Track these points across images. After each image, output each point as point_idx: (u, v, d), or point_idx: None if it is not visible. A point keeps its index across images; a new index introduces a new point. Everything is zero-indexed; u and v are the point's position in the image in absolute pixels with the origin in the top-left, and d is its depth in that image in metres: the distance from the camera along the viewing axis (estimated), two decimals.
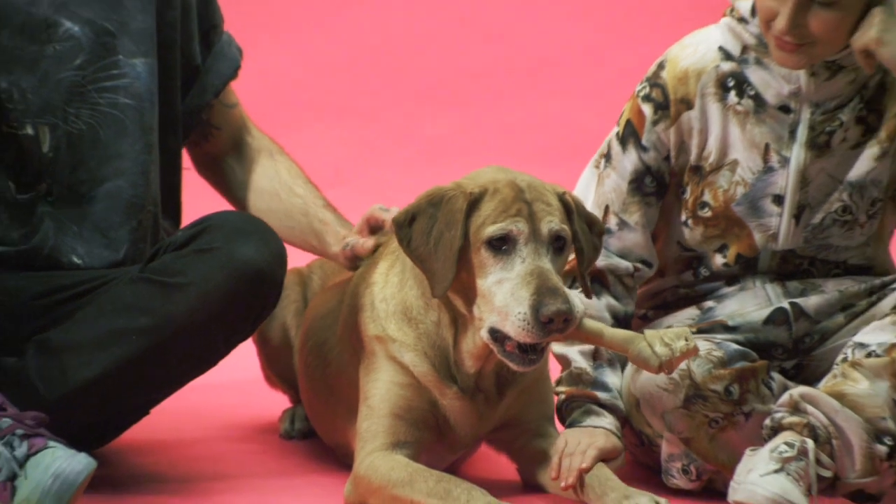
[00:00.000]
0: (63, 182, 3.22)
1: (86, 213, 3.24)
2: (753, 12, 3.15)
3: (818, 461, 2.97)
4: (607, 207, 3.26)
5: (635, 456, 3.27)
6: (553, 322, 2.87)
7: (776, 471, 2.93)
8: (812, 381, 3.13)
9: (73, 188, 3.23)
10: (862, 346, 3.04)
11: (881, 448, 2.98)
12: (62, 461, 2.82)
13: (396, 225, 3.02)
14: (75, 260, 3.23)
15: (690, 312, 3.28)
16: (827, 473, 2.98)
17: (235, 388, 4.05)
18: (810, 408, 2.99)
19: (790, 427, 2.99)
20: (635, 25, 6.66)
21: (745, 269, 3.27)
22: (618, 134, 3.27)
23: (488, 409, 3.13)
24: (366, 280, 3.21)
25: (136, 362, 3.04)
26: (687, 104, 3.23)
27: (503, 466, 3.29)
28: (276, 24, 6.41)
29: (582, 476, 3.02)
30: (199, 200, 3.56)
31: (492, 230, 2.94)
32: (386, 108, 6.44)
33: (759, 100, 3.20)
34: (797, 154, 3.20)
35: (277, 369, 3.68)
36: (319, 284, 3.64)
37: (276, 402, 3.81)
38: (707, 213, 3.26)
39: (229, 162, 3.52)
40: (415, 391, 3.10)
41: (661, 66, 3.25)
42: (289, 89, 6.28)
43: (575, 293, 3.04)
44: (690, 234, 3.29)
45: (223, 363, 3.18)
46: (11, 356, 3.12)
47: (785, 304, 3.23)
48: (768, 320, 3.21)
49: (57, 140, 3.21)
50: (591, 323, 2.97)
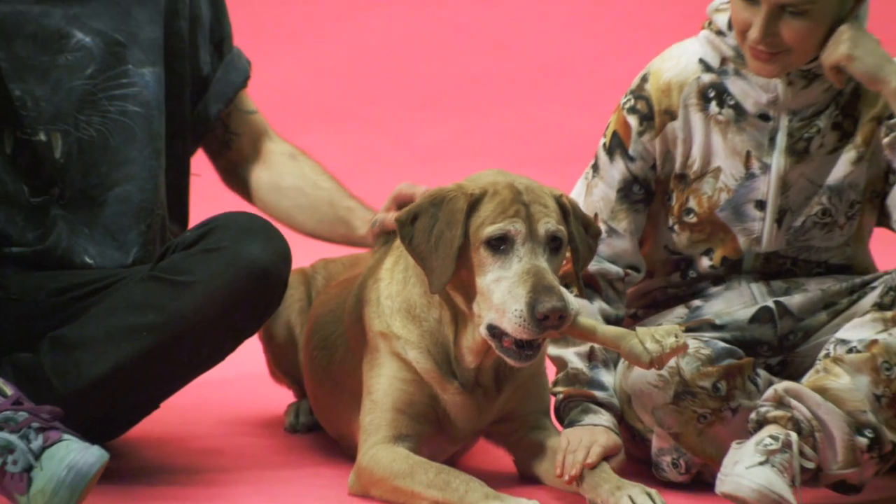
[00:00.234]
0: (75, 186, 3.25)
1: (97, 216, 3.27)
2: (730, 25, 3.15)
3: (802, 453, 2.96)
4: (596, 216, 3.26)
5: (627, 450, 3.22)
6: (548, 319, 2.88)
7: (761, 463, 2.92)
8: (796, 376, 3.13)
9: (85, 192, 3.26)
10: (843, 342, 3.04)
11: (862, 440, 2.98)
12: (76, 453, 2.84)
13: (399, 223, 3.03)
14: (87, 260, 3.25)
15: (679, 311, 3.28)
16: (810, 465, 2.98)
17: (242, 383, 4.03)
18: (794, 402, 2.99)
19: (775, 421, 2.99)
20: (629, 36, 6.58)
21: (731, 270, 3.27)
22: (605, 145, 3.28)
23: (487, 403, 3.14)
24: (374, 275, 3.21)
25: (147, 358, 3.07)
26: (671, 115, 3.23)
27: (500, 459, 3.30)
28: (281, 33, 6.32)
29: (583, 470, 3.03)
30: (206, 204, 3.55)
31: (490, 230, 2.95)
32: (387, 115, 6.37)
33: (739, 109, 3.20)
34: (777, 160, 3.20)
35: (282, 365, 3.67)
36: (323, 284, 3.63)
37: (282, 397, 3.79)
38: (692, 218, 3.26)
39: (253, 168, 3.51)
40: (417, 386, 3.11)
41: (644, 79, 3.25)
42: (293, 96, 6.18)
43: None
44: (677, 238, 3.29)
45: (230, 359, 3.21)
46: (27, 352, 3.14)
47: (770, 302, 3.23)
48: (754, 319, 3.22)
49: (69, 146, 3.24)
50: (584, 320, 2.98)
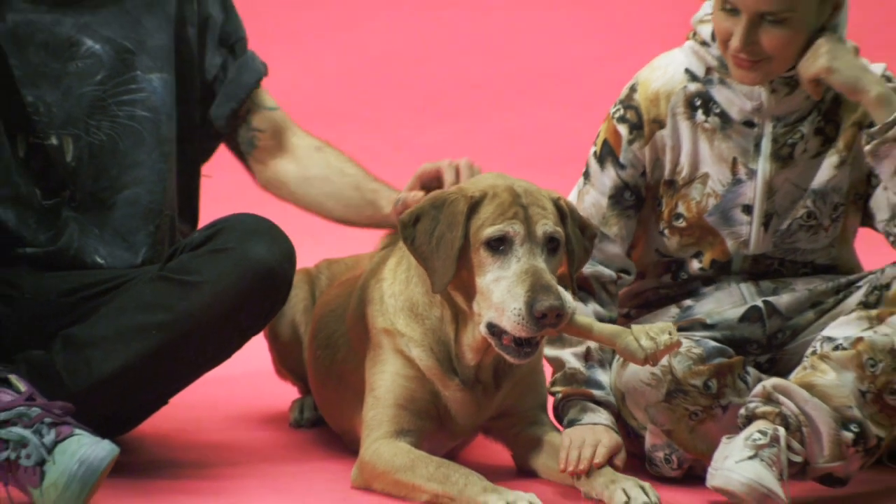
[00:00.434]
0: (85, 189, 3.30)
1: (107, 218, 3.32)
2: (713, 36, 3.19)
3: (789, 447, 2.99)
4: None
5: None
6: (546, 317, 2.92)
7: (750, 457, 2.95)
8: (784, 373, 3.14)
9: (95, 195, 3.31)
10: (830, 339, 3.07)
11: (847, 435, 3.01)
12: (87, 448, 2.88)
13: (402, 225, 3.06)
14: (98, 260, 3.30)
15: (671, 311, 3.31)
16: (798, 459, 3.00)
17: (248, 380, 4.04)
18: (782, 398, 3.02)
19: (763, 416, 3.02)
20: (623, 41, 6.55)
21: (720, 271, 3.30)
22: (595, 153, 3.30)
23: (486, 399, 3.17)
24: (376, 275, 3.24)
25: (156, 356, 3.11)
26: (659, 124, 3.26)
27: (499, 453, 3.33)
28: (285, 38, 6.33)
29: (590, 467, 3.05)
30: (217, 205, 3.59)
31: (490, 231, 2.99)
32: (388, 117, 6.37)
33: (724, 117, 3.23)
34: (763, 166, 3.23)
35: (287, 363, 3.70)
36: (326, 284, 3.65)
37: (286, 394, 3.81)
38: (682, 223, 3.29)
39: (281, 163, 3.51)
40: (419, 383, 3.15)
41: (633, 89, 3.28)
42: (297, 99, 6.10)
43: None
44: (667, 242, 3.31)
45: (236, 357, 3.25)
46: (40, 350, 3.17)
47: (759, 302, 3.26)
48: (743, 318, 3.25)
49: (79, 150, 3.29)
50: (581, 318, 3.02)
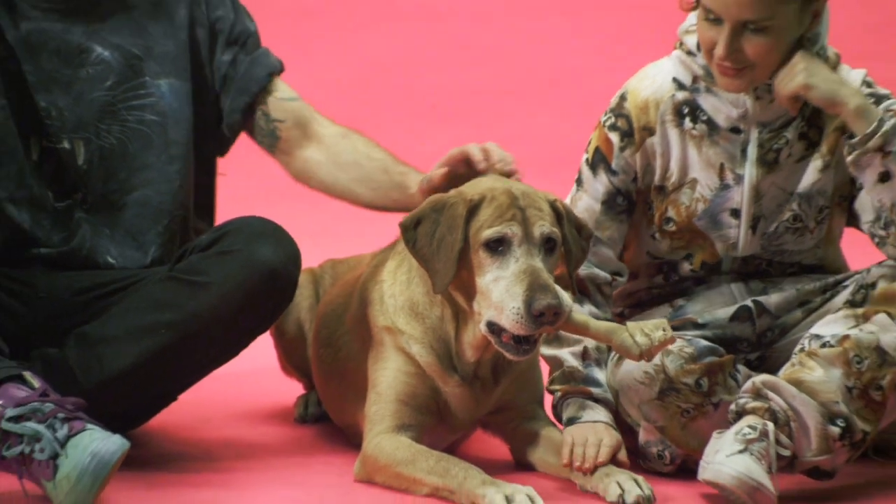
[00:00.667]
0: (97, 191, 3.35)
1: (118, 219, 3.36)
2: (699, 46, 3.22)
3: (778, 442, 3.03)
4: None
5: None
6: (544, 315, 2.96)
7: (740, 451, 2.99)
8: (774, 370, 3.16)
9: (106, 197, 3.35)
10: (817, 337, 3.11)
11: (834, 429, 3.05)
12: (99, 442, 2.92)
13: (403, 228, 3.10)
14: (110, 260, 3.35)
15: (663, 310, 3.34)
16: (786, 453, 3.04)
17: (254, 376, 4.05)
18: (771, 394, 3.06)
19: (753, 411, 3.06)
20: (617, 48, 6.61)
21: (711, 272, 3.33)
22: (587, 160, 3.33)
23: (485, 394, 3.22)
24: (375, 278, 3.28)
25: (165, 353, 3.15)
26: (649, 131, 3.29)
27: (497, 447, 3.37)
28: (290, 47, 6.37)
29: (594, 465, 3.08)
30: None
31: (489, 233, 3.03)
32: (391, 124, 6.33)
33: (711, 124, 3.26)
34: (749, 171, 3.26)
35: (293, 359, 3.73)
36: (330, 283, 3.67)
37: (292, 390, 3.84)
38: (672, 227, 3.31)
39: (309, 152, 3.49)
40: (419, 379, 3.19)
41: (623, 98, 3.32)
42: None
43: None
44: (659, 245, 3.34)
45: (243, 354, 3.29)
46: (53, 347, 3.23)
47: (748, 301, 3.29)
48: (734, 317, 3.29)
49: (91, 153, 3.33)
50: (578, 316, 3.06)
